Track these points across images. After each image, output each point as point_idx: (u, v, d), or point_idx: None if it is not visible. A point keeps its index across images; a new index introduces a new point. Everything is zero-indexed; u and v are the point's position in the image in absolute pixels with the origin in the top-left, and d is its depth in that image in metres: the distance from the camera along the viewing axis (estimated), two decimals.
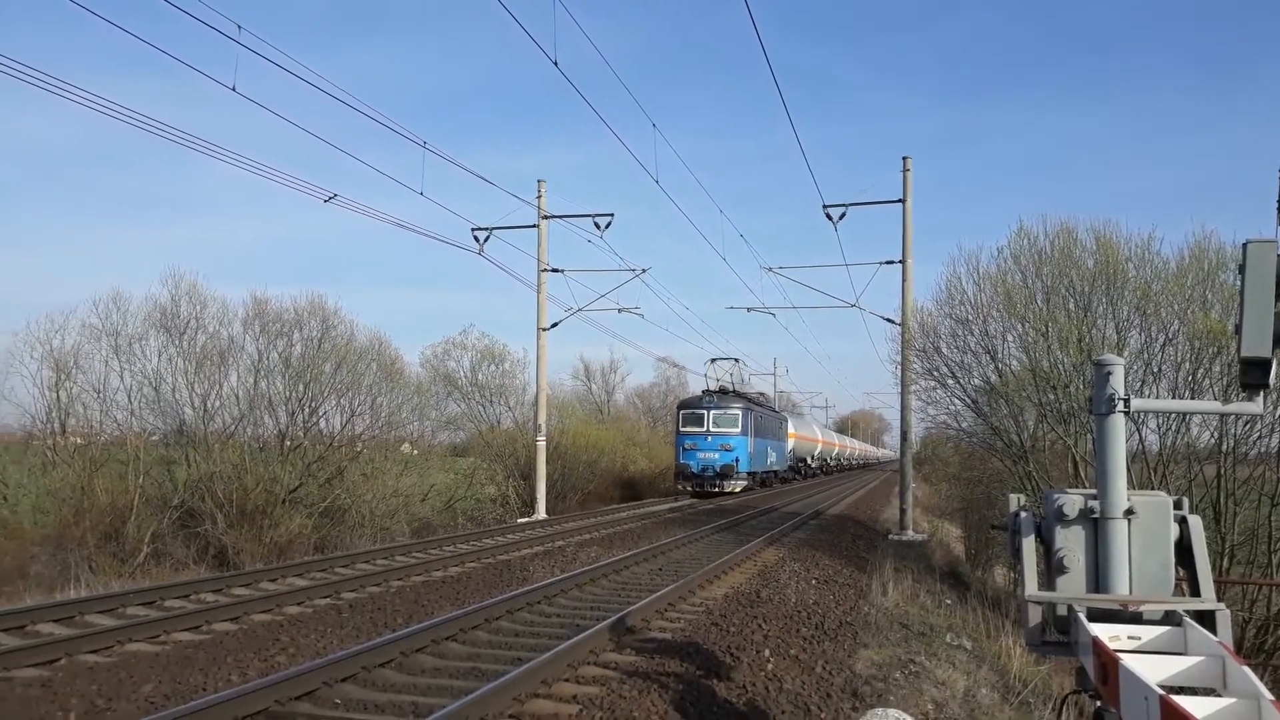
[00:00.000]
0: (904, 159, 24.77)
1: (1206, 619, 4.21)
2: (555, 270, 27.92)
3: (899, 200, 24.54)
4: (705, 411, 35.10)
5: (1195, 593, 4.50)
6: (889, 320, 25.12)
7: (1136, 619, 4.36)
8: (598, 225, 26.14)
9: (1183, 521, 4.66)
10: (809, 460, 57.90)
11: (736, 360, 39.99)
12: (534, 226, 27.59)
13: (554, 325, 28.10)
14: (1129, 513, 4.62)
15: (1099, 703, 3.92)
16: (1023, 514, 4.96)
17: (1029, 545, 4.87)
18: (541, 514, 26.75)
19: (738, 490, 34.44)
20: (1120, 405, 4.69)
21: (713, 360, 39.73)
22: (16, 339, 26.04)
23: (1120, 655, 3.48)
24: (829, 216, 24.72)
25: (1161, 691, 2.89)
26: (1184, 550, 4.64)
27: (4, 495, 24.96)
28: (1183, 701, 2.85)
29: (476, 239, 26.03)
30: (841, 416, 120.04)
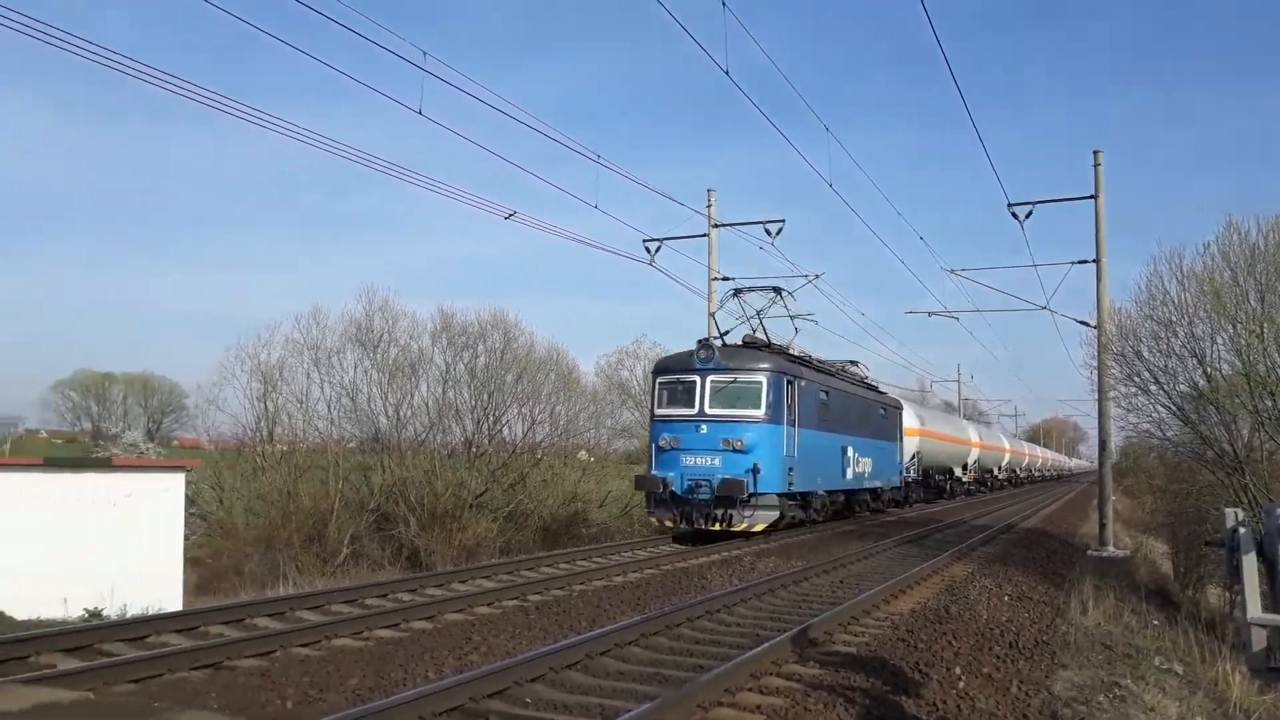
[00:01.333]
0: (1095, 153, 23.43)
1: None
2: (726, 278, 27.89)
3: (1090, 196, 23.23)
4: (697, 379, 18.91)
5: None
6: (1083, 323, 23.82)
7: None
8: (769, 232, 25.99)
9: None
10: (959, 471, 42.42)
11: (778, 291, 22.35)
12: (704, 236, 27.70)
13: (725, 334, 28.08)
14: None
15: None
16: (1241, 530, 4.59)
17: (1250, 564, 4.50)
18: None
19: (757, 529, 18.41)
20: None
21: (736, 292, 22.67)
22: (228, 354, 28.34)
23: None
24: (1014, 215, 23.67)
25: None
26: None
27: (220, 499, 27.13)
28: None
29: (648, 249, 26.34)
30: (1032, 425, 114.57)
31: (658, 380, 19.90)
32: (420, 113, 14.47)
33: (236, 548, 24.73)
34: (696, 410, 18.74)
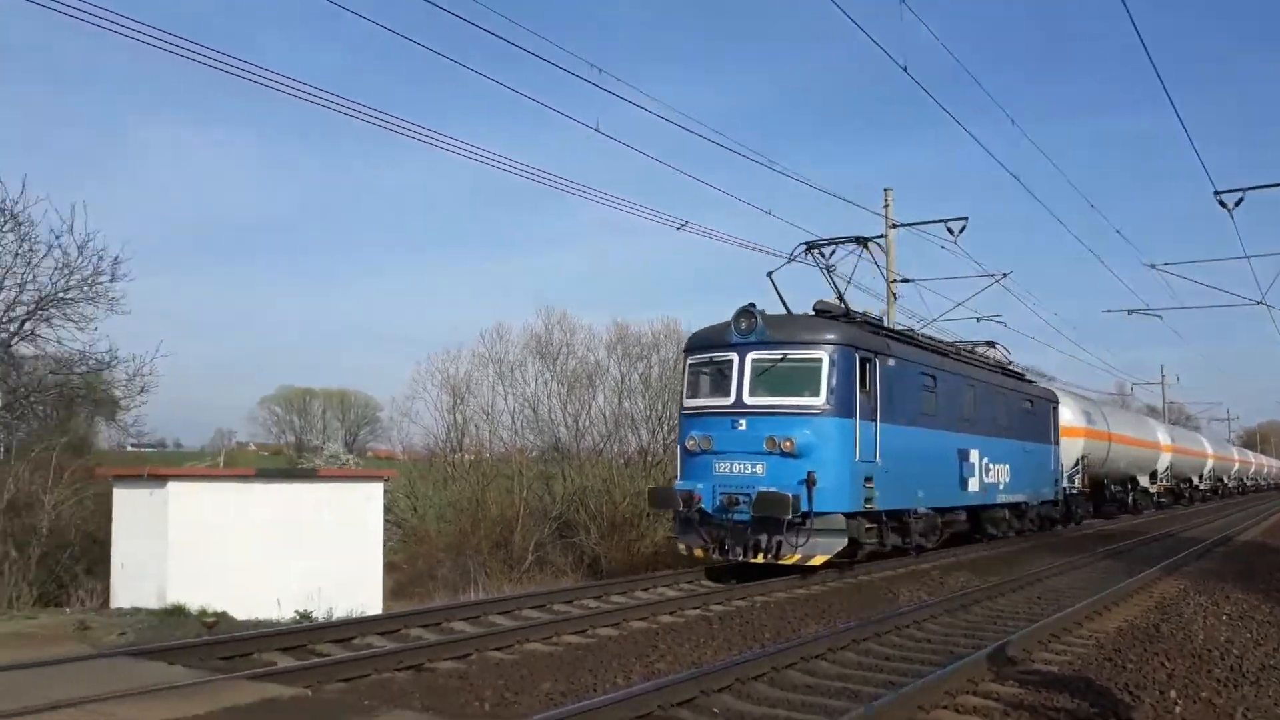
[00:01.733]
0: None
1: None
2: (905, 280, 27.14)
3: None
4: (734, 357, 14.47)
5: None
6: None
7: None
8: (951, 230, 25.03)
9: None
10: (1144, 480, 36.02)
11: (863, 242, 17.53)
12: (882, 237, 27.03)
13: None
14: None
15: None
16: None
17: None
18: None
19: (815, 563, 13.79)
20: None
21: (808, 247, 17.10)
22: (419, 369, 29.85)
23: None
24: (1222, 204, 21.90)
25: None
26: None
27: (414, 506, 28.49)
28: None
29: (823, 254, 25.93)
30: (1247, 429, 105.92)
31: (688, 361, 15.44)
32: (597, 129, 14.87)
33: (430, 553, 25.86)
34: (733, 399, 14.18)
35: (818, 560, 13.68)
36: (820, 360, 14.02)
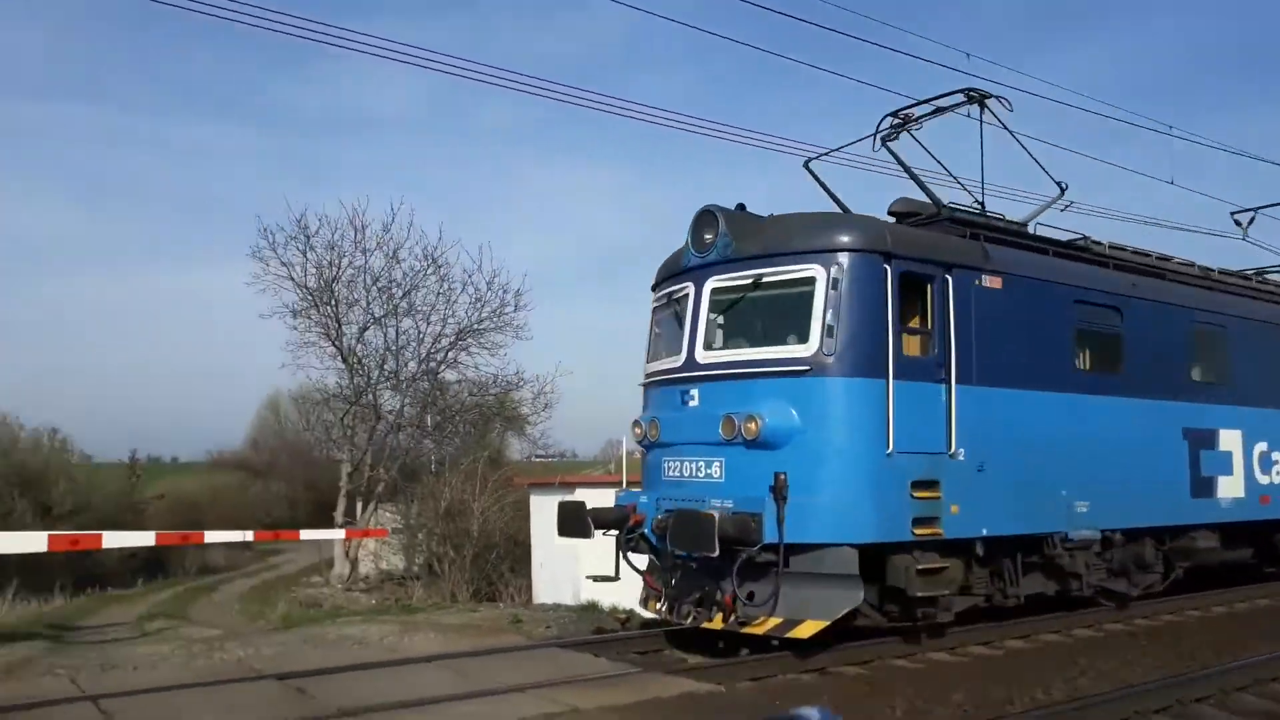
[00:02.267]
0: None
1: None
2: None
3: None
4: (690, 289, 9.01)
5: None
6: None
7: None
8: None
9: None
10: None
11: (978, 99, 10.27)
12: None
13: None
14: None
15: None
16: None
17: None
18: None
19: (799, 635, 7.79)
20: None
21: (898, 122, 10.50)
22: None
23: None
24: None
25: None
26: None
27: None
28: None
29: (1237, 223, 22.78)
30: None
31: (652, 305, 10.07)
32: (969, 116, 14.33)
33: None
34: (683, 358, 8.93)
35: (805, 630, 7.84)
36: (813, 280, 8.30)
